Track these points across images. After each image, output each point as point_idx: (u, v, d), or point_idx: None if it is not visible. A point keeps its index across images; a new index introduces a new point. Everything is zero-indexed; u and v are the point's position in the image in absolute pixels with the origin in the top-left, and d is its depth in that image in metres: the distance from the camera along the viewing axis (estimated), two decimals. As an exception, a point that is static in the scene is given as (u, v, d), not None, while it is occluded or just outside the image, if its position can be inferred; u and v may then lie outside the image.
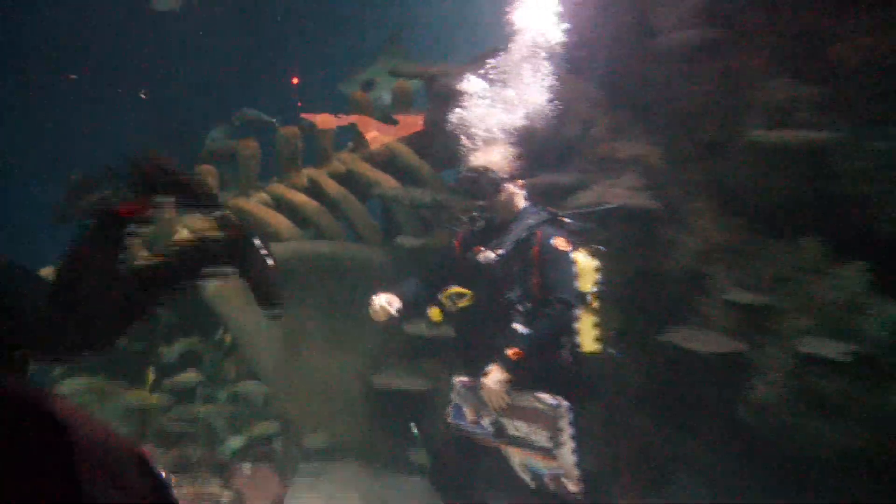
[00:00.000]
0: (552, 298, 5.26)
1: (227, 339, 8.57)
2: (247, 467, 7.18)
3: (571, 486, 5.11)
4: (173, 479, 5.89)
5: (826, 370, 6.33)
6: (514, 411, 5.20)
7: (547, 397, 5.15)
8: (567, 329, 5.38)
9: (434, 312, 5.61)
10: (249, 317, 7.88)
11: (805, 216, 6.85)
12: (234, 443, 8.22)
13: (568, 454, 5.07)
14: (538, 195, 5.93)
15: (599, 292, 5.59)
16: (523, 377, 5.15)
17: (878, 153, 6.61)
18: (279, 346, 7.97)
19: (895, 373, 6.16)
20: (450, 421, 5.49)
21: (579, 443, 5.26)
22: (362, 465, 7.64)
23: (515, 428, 5.22)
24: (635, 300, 7.34)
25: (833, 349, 6.32)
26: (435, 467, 6.33)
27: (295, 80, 17.63)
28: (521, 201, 5.66)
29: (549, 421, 5.11)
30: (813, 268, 6.69)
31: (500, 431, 5.25)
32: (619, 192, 7.35)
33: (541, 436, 5.13)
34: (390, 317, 5.44)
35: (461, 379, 5.49)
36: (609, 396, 7.25)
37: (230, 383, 8.54)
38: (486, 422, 5.31)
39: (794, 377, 6.49)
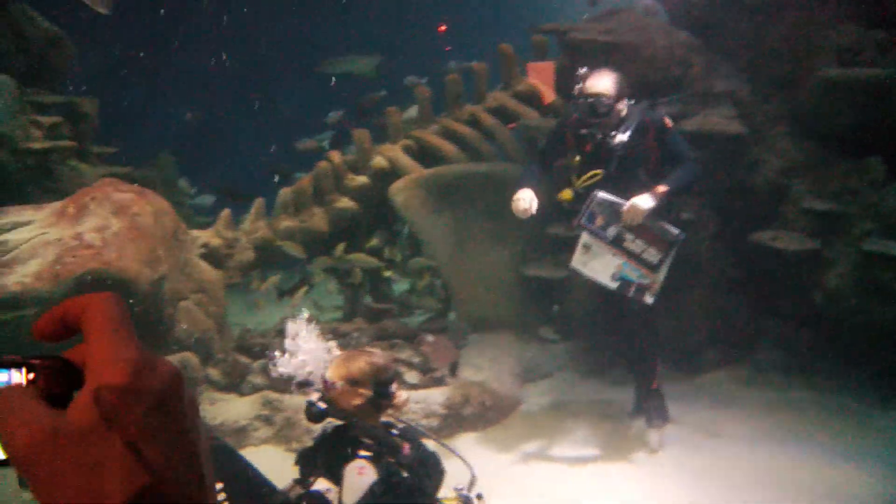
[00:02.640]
0: (685, 158, 5.76)
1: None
2: (430, 337, 7.41)
3: (649, 298, 5.52)
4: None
5: (886, 264, 6.37)
6: (640, 229, 5.53)
7: (674, 228, 5.58)
8: (699, 179, 5.86)
9: (565, 193, 5.94)
10: (429, 221, 8.19)
11: (868, 139, 6.77)
12: (420, 316, 8.71)
13: (663, 274, 5.52)
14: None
15: None
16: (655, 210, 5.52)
17: (930, 88, 6.46)
18: (451, 243, 8.24)
19: (941, 267, 6.10)
20: (581, 222, 5.61)
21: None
22: (516, 335, 7.89)
23: (633, 242, 5.56)
24: (730, 207, 7.36)
25: (892, 247, 6.32)
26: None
27: (442, 28, 16.98)
28: (626, 111, 5.91)
29: (665, 245, 5.53)
30: (875, 181, 6.61)
31: (618, 240, 5.57)
32: (715, 120, 7.30)
33: (652, 255, 5.54)
34: (526, 210, 5.72)
35: (604, 194, 5.62)
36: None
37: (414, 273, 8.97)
38: (611, 231, 5.57)
39: (860, 270, 6.53)
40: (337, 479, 3.10)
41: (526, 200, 5.68)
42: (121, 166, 9.03)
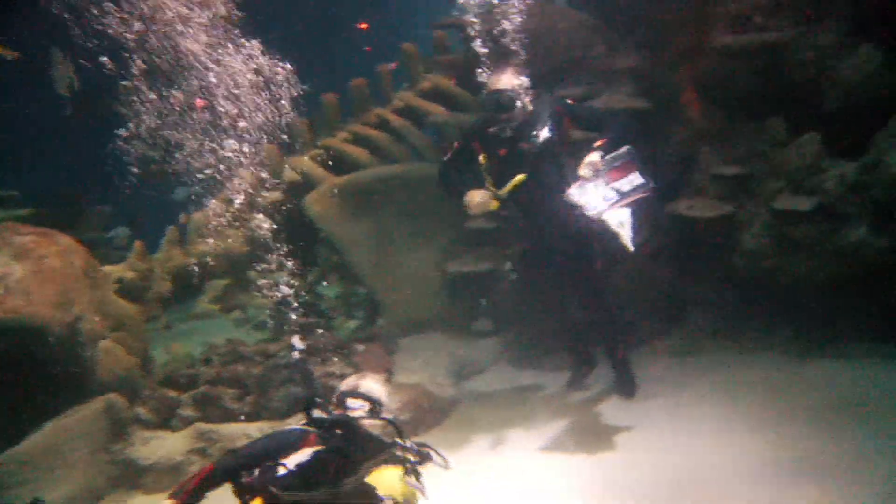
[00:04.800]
0: (605, 116, 6.15)
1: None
2: (360, 346, 7.34)
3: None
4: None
5: (796, 220, 6.51)
6: (609, 173, 5.69)
7: (618, 150, 5.74)
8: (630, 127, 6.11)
9: (492, 203, 5.94)
10: (347, 228, 8.13)
11: (768, 101, 6.94)
12: (349, 326, 8.64)
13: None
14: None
15: None
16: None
17: (819, 46, 6.64)
18: (372, 249, 8.20)
19: (849, 217, 6.26)
20: (593, 214, 5.56)
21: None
22: (447, 334, 7.89)
23: (621, 186, 5.69)
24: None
25: (800, 202, 6.48)
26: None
27: (363, 26, 16.69)
28: (530, 105, 5.99)
29: (632, 166, 5.77)
30: (778, 141, 6.78)
31: (619, 193, 5.66)
32: (620, 98, 7.41)
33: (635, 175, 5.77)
34: (488, 203, 5.93)
35: (571, 192, 5.62)
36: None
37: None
38: (610, 193, 5.62)
39: (773, 228, 6.68)
40: None
41: (478, 196, 5.95)
42: (23, 209, 8.78)
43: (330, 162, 8.70)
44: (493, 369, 7.58)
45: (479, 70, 6.32)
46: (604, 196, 5.62)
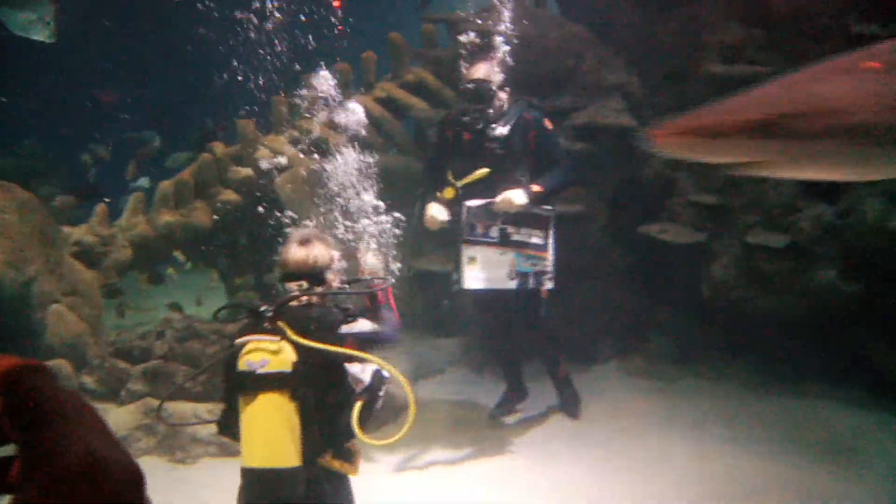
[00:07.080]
0: (560, 161, 5.89)
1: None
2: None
3: (550, 283, 5.75)
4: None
5: (768, 256, 6.58)
6: (518, 220, 5.67)
7: (546, 207, 5.75)
8: (572, 183, 6.10)
9: (448, 193, 5.92)
10: (315, 214, 8.03)
11: (751, 134, 6.94)
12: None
13: (551, 253, 5.76)
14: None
15: None
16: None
17: (808, 86, 6.70)
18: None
19: (821, 259, 6.34)
20: (466, 237, 5.66)
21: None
22: (408, 332, 7.78)
23: (518, 232, 5.70)
24: (620, 199, 7.49)
25: (773, 239, 6.55)
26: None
27: (337, 4, 16.34)
28: (506, 104, 5.93)
29: (543, 224, 5.73)
30: (757, 175, 6.79)
31: (504, 237, 5.68)
32: (605, 113, 7.42)
33: (538, 236, 5.73)
34: (442, 222, 5.78)
35: (472, 202, 5.67)
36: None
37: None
38: (494, 231, 5.67)
39: (743, 261, 6.75)
40: None
41: (434, 210, 5.78)
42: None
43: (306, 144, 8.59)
44: (451, 372, 7.55)
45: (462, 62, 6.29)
46: (488, 232, 5.69)
